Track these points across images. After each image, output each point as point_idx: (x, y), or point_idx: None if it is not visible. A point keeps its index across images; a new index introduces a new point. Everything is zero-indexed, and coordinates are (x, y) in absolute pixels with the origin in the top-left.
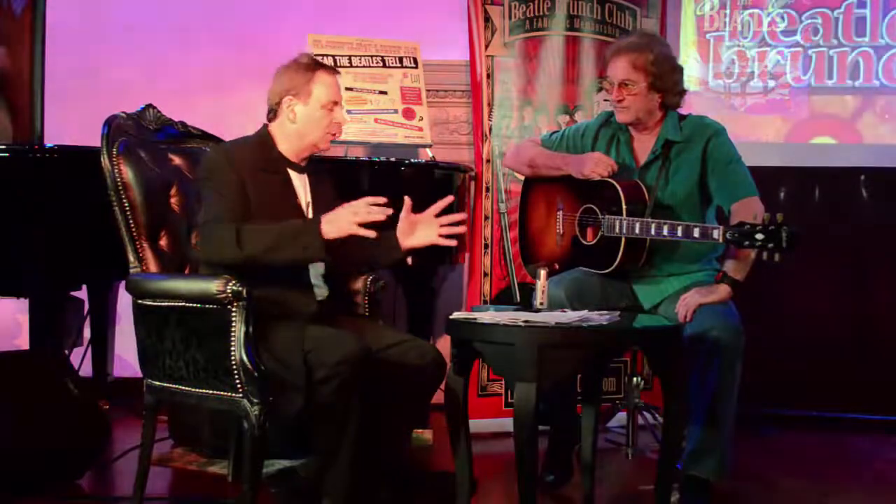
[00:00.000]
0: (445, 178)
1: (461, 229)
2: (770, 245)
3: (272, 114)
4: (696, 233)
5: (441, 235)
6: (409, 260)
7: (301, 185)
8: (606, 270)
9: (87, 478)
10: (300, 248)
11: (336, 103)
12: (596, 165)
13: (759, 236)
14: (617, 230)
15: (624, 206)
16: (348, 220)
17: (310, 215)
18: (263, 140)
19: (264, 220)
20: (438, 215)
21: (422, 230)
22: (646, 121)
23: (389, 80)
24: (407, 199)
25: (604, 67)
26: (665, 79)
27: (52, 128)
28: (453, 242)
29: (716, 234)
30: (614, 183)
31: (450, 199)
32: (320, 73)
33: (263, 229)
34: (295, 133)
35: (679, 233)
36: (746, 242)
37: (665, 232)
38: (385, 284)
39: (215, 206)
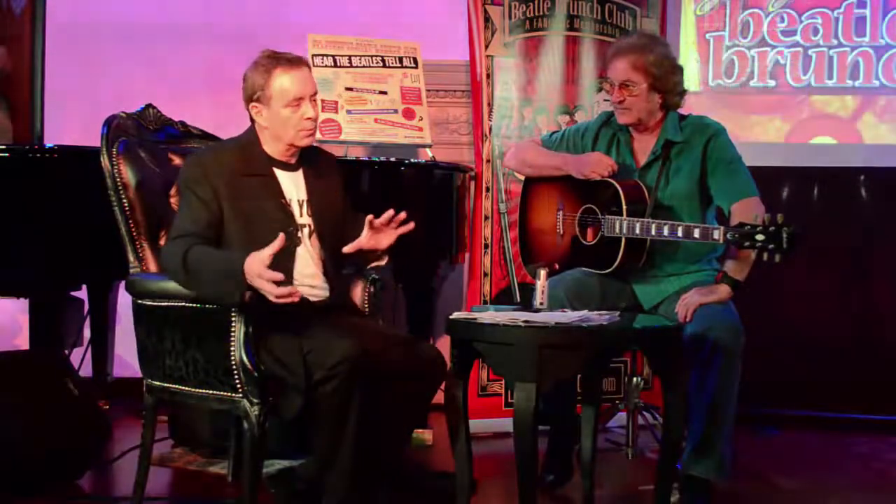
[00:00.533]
0: (445, 178)
1: (401, 216)
2: (770, 246)
3: (251, 119)
4: (697, 233)
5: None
6: (384, 260)
7: (291, 183)
8: (606, 270)
9: (87, 478)
10: (221, 292)
11: (301, 99)
12: (596, 166)
13: (760, 237)
14: (617, 230)
15: (624, 207)
16: (259, 281)
17: (305, 213)
18: (250, 141)
19: (237, 231)
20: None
21: (383, 236)
22: (646, 121)
23: (389, 80)
24: (370, 217)
25: (604, 67)
26: (665, 79)
27: (52, 128)
28: (409, 227)
29: (716, 234)
30: (614, 183)
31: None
32: (277, 71)
33: (208, 255)
34: (270, 135)
35: (679, 233)
36: (747, 243)
37: (665, 232)
38: (385, 284)
39: (181, 223)
